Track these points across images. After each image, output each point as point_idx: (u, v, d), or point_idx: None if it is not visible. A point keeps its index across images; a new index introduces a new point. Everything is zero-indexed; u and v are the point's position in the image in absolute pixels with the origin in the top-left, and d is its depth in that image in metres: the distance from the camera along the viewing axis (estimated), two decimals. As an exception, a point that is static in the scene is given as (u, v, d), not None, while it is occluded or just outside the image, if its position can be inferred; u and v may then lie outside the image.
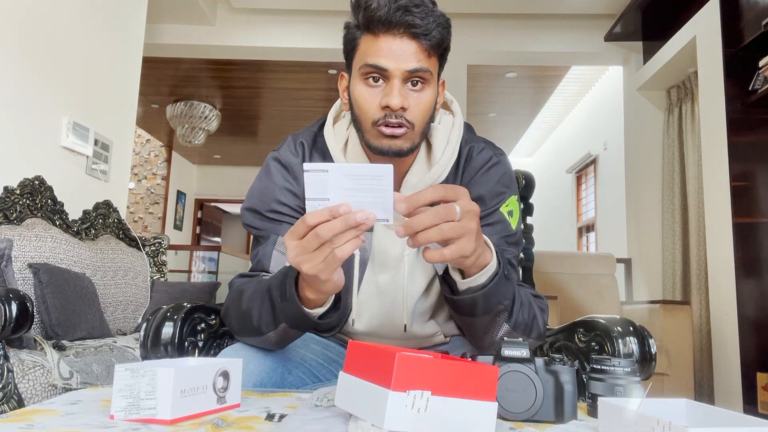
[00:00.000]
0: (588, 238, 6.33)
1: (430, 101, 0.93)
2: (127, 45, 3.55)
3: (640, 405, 0.58)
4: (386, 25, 0.88)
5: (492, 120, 6.80)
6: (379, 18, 0.87)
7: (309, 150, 1.06)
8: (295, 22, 4.64)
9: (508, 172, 1.05)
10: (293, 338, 0.91)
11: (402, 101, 0.89)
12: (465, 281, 0.83)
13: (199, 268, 6.27)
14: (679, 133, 4.11)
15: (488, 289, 0.82)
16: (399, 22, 0.87)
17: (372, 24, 0.89)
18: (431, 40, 0.89)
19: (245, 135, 7.59)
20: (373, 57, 0.89)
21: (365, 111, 0.92)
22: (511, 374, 0.68)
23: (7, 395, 1.57)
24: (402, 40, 0.88)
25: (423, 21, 0.87)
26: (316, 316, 0.84)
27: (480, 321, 0.88)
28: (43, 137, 2.81)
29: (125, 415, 0.63)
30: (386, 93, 0.90)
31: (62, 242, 2.55)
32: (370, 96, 0.91)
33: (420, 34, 0.88)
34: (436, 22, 0.89)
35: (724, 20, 3.13)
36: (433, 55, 0.91)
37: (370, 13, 0.88)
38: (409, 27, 0.87)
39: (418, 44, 0.89)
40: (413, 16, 0.87)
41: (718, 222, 3.15)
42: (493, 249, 0.84)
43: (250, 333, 0.92)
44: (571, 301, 3.67)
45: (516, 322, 0.89)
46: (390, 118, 0.90)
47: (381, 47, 0.89)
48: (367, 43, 0.90)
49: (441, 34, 0.90)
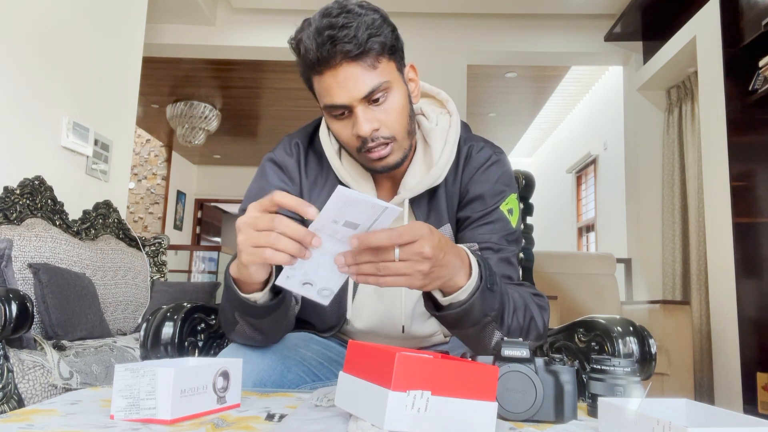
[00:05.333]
0: (588, 238, 6.33)
1: (399, 105, 0.92)
2: (127, 45, 3.55)
3: (640, 405, 0.58)
4: (323, 63, 0.87)
5: (492, 120, 6.80)
6: (313, 60, 0.87)
7: (304, 150, 1.06)
8: (295, 22, 4.55)
9: (507, 171, 1.05)
10: (267, 330, 0.92)
11: (370, 126, 0.89)
12: (446, 299, 0.82)
13: (199, 268, 6.27)
14: (679, 133, 4.11)
15: (469, 305, 0.81)
16: (331, 54, 0.86)
17: (312, 67, 0.89)
18: (370, 51, 0.87)
19: (245, 135, 7.58)
20: (327, 97, 0.90)
21: (346, 143, 0.95)
22: (511, 374, 0.68)
23: (7, 395, 1.57)
24: (344, 68, 0.87)
25: (353, 40, 0.85)
26: (254, 301, 0.85)
27: (469, 332, 0.87)
28: (43, 137, 2.81)
29: (125, 415, 0.63)
30: (354, 123, 0.90)
31: (62, 242, 2.55)
32: (343, 129, 0.93)
33: (357, 54, 0.86)
34: (368, 30, 0.86)
35: (724, 20, 3.13)
36: (382, 59, 0.89)
37: (307, 59, 0.88)
38: (344, 55, 0.86)
39: (358, 65, 0.87)
40: (341, 42, 0.85)
41: (718, 222, 3.15)
42: (474, 263, 0.82)
43: (230, 327, 0.93)
44: (571, 301, 3.67)
45: (509, 329, 0.88)
46: (369, 143, 0.91)
47: (329, 84, 0.88)
48: (318, 83, 0.91)
49: (378, 38, 0.87)
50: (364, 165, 0.97)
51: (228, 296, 0.88)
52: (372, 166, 0.95)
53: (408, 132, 0.95)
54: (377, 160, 0.93)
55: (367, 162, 0.95)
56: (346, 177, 1.01)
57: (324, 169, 1.05)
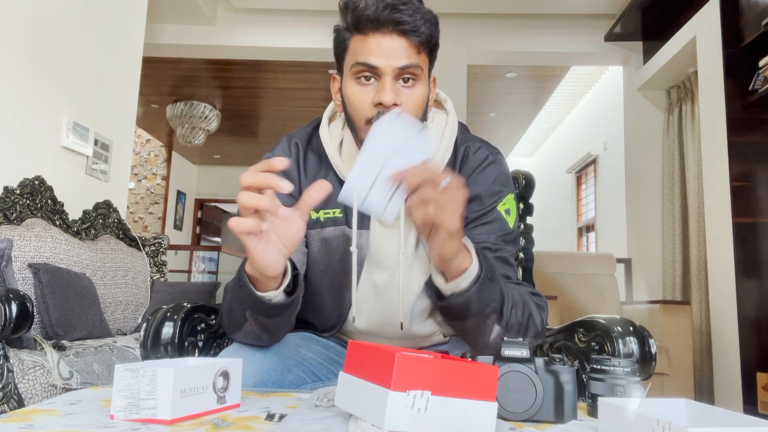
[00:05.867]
0: (588, 238, 6.33)
1: (422, 97, 0.94)
2: (127, 45, 3.55)
3: (640, 405, 0.58)
4: (375, 23, 0.89)
5: (492, 120, 6.80)
6: (367, 17, 0.88)
7: (303, 150, 1.06)
8: (295, 22, 4.64)
9: (504, 171, 1.05)
10: (275, 329, 0.92)
11: (394, 98, 0.90)
12: (449, 285, 0.84)
13: (199, 268, 6.27)
14: (679, 133, 4.11)
15: (473, 292, 0.83)
16: (387, 19, 0.88)
17: (361, 24, 0.90)
18: (420, 36, 0.90)
19: (245, 135, 7.59)
20: (363, 55, 0.90)
21: (358, 109, 0.93)
22: (511, 374, 0.68)
23: (7, 395, 1.57)
24: (391, 38, 0.89)
25: (411, 18, 0.88)
26: (269, 300, 0.85)
27: (470, 324, 0.88)
28: (43, 137, 2.81)
29: (125, 415, 0.63)
30: (378, 90, 0.91)
31: (62, 242, 2.55)
32: (363, 94, 0.92)
33: (409, 30, 0.89)
34: (424, 19, 0.90)
35: (724, 20, 3.13)
36: (423, 51, 0.92)
37: (358, 13, 0.89)
38: (398, 24, 0.88)
39: (407, 41, 0.90)
40: (401, 13, 0.88)
41: (718, 222, 3.15)
42: (474, 253, 0.84)
43: (235, 327, 0.93)
44: (571, 301, 3.67)
45: (508, 323, 0.89)
46: (383, 114, 0.90)
47: (371, 45, 0.90)
48: (357, 42, 0.91)
49: (429, 30, 0.91)
50: None
51: (240, 295, 0.87)
52: None
53: None
54: None
55: None
56: (346, 173, 1.00)
57: (323, 169, 1.04)
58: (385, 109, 0.90)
